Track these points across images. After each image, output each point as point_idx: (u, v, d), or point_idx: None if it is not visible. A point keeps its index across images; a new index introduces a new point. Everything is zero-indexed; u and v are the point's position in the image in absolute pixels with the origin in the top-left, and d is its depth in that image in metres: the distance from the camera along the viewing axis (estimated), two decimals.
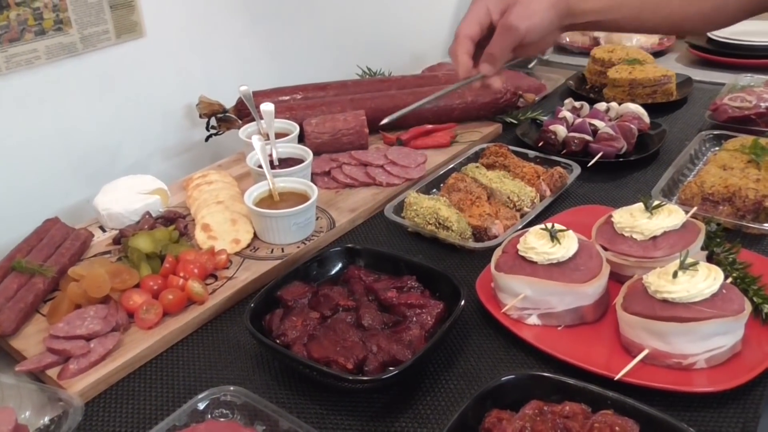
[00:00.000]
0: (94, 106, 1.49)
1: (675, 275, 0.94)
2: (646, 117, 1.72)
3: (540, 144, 1.65)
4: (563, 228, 1.08)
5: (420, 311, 1.03)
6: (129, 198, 1.37)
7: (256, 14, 1.82)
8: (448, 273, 1.10)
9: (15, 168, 1.37)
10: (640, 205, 1.14)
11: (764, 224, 1.28)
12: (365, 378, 0.93)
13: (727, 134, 1.61)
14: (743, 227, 1.29)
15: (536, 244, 1.06)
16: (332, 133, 1.61)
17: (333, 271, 1.17)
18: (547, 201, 1.43)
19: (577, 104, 1.82)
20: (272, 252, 1.28)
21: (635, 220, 1.12)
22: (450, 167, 1.53)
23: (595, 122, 1.67)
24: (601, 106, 1.78)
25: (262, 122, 1.55)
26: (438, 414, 0.93)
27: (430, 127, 1.73)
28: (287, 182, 1.37)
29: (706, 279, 0.94)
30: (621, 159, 1.60)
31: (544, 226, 1.09)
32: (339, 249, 1.19)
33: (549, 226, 1.08)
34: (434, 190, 1.48)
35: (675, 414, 0.82)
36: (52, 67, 1.38)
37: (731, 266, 1.11)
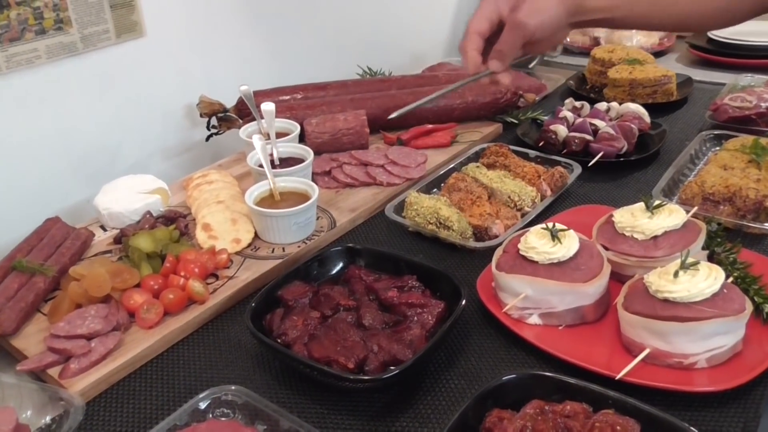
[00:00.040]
0: (95, 106, 1.49)
1: (676, 275, 0.94)
2: (647, 117, 1.72)
3: (540, 144, 1.65)
4: (564, 227, 1.08)
5: (421, 311, 1.03)
6: (129, 197, 1.37)
7: (257, 14, 1.82)
8: (449, 273, 1.10)
9: (15, 168, 1.37)
10: (641, 205, 1.14)
11: (765, 224, 1.28)
12: (366, 377, 0.93)
13: (728, 134, 1.61)
14: (744, 227, 1.29)
15: (537, 244, 1.06)
16: (333, 133, 1.61)
17: (334, 271, 1.17)
18: (548, 201, 1.43)
19: (578, 104, 1.82)
20: (273, 251, 1.28)
21: (636, 220, 1.12)
22: (450, 167, 1.53)
23: (596, 122, 1.67)
24: (602, 106, 1.78)
25: (263, 122, 1.55)
26: (439, 413, 0.93)
27: (431, 127, 1.73)
28: (288, 182, 1.37)
29: (707, 279, 0.94)
30: (621, 159, 1.60)
31: (545, 226, 1.09)
32: (340, 248, 1.19)
33: (550, 226, 1.08)
34: (435, 190, 1.48)
35: (676, 413, 0.82)
36: (53, 67, 1.38)
37: (732, 266, 1.11)
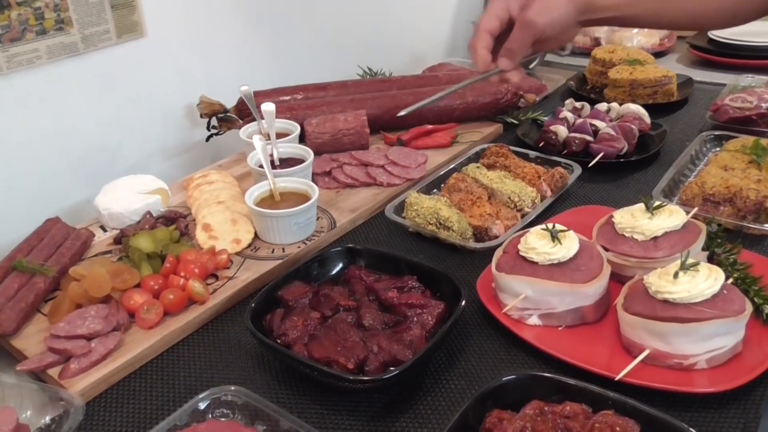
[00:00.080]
0: (95, 106, 1.49)
1: (676, 276, 0.94)
2: (647, 117, 1.72)
3: (541, 144, 1.65)
4: (564, 228, 1.08)
5: (421, 311, 1.03)
6: (130, 198, 1.37)
7: (257, 14, 1.82)
8: (449, 273, 1.10)
9: (16, 168, 1.37)
10: (641, 206, 1.14)
11: (765, 225, 1.28)
12: (366, 378, 0.93)
13: (728, 135, 1.61)
14: (744, 228, 1.29)
15: (537, 245, 1.06)
16: (333, 133, 1.61)
17: (334, 271, 1.17)
18: (548, 201, 1.43)
19: (578, 105, 1.82)
20: (273, 252, 1.28)
21: (636, 221, 1.12)
22: (451, 167, 1.53)
23: (596, 123, 1.67)
24: (602, 107, 1.78)
25: (263, 122, 1.55)
26: (439, 414, 0.93)
27: (431, 128, 1.73)
28: (288, 182, 1.37)
29: (707, 279, 0.94)
30: (622, 159, 1.60)
31: (545, 227, 1.09)
32: (340, 249, 1.19)
33: (550, 227, 1.08)
34: (435, 191, 1.48)
35: (676, 414, 0.82)
36: (53, 67, 1.38)
37: (732, 267, 1.11)
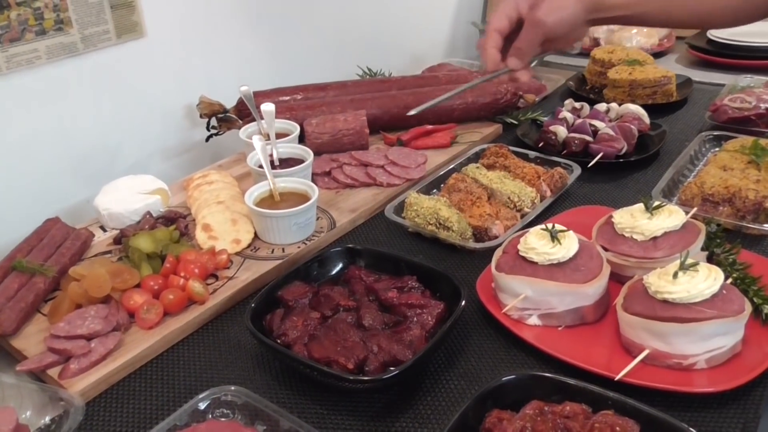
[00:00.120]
0: (95, 106, 1.49)
1: (675, 276, 0.94)
2: (646, 118, 1.72)
3: (540, 144, 1.65)
4: (564, 228, 1.08)
5: (420, 311, 1.03)
6: (129, 198, 1.37)
7: (257, 14, 1.82)
8: (449, 273, 1.10)
9: (15, 168, 1.37)
10: (641, 206, 1.14)
11: (764, 225, 1.28)
12: (366, 378, 0.93)
13: (727, 135, 1.61)
14: (743, 228, 1.29)
15: (537, 245, 1.06)
16: (333, 134, 1.61)
17: (334, 271, 1.17)
18: (548, 201, 1.43)
19: (578, 105, 1.82)
20: (273, 252, 1.28)
21: (636, 221, 1.12)
22: (450, 168, 1.53)
23: (596, 123, 1.67)
24: (602, 107, 1.78)
25: (263, 122, 1.55)
26: (438, 414, 0.93)
27: (431, 128, 1.73)
28: (288, 182, 1.37)
29: (707, 279, 0.94)
30: (621, 160, 1.60)
31: (545, 227, 1.09)
32: (339, 249, 1.19)
33: (549, 227, 1.08)
34: (435, 191, 1.48)
35: (675, 414, 0.82)
36: (53, 67, 1.38)
37: (731, 267, 1.11)
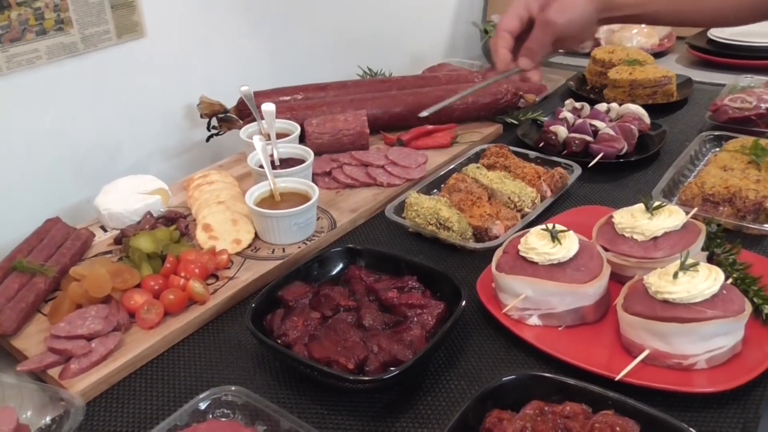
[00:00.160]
0: (95, 106, 1.49)
1: (675, 276, 0.94)
2: (647, 118, 1.72)
3: (541, 144, 1.65)
4: (564, 228, 1.08)
5: (421, 311, 1.03)
6: (130, 198, 1.37)
7: (257, 14, 1.82)
8: (449, 273, 1.10)
9: (15, 167, 1.37)
10: (641, 206, 1.14)
11: (764, 225, 1.28)
12: (366, 378, 0.93)
13: (728, 135, 1.61)
14: (743, 228, 1.29)
15: (537, 245, 1.06)
16: (333, 134, 1.61)
17: (334, 272, 1.17)
18: (548, 201, 1.43)
19: (578, 105, 1.82)
20: (273, 252, 1.28)
21: (636, 221, 1.12)
22: (451, 168, 1.53)
23: (596, 123, 1.67)
24: (602, 107, 1.78)
25: (263, 122, 1.55)
26: (439, 414, 0.93)
27: (431, 128, 1.73)
28: (288, 182, 1.37)
29: (707, 280, 0.94)
30: (621, 160, 1.60)
31: (545, 227, 1.09)
32: (340, 249, 1.19)
33: (550, 227, 1.08)
34: (435, 191, 1.48)
35: (675, 414, 0.82)
36: (53, 67, 1.38)
37: (731, 267, 1.11)
